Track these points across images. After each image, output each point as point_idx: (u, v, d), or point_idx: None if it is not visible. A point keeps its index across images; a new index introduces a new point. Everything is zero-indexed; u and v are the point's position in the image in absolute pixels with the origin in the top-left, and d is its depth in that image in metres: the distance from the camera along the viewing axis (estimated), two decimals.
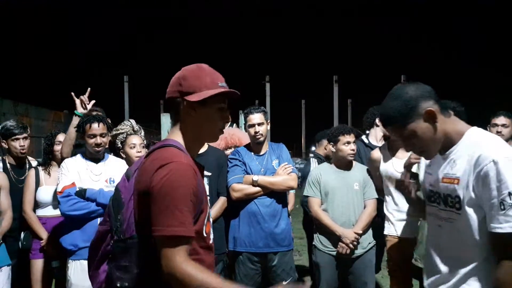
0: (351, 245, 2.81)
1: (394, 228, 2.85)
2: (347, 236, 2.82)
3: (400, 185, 1.76)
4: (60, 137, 3.10)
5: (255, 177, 2.81)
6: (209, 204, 1.45)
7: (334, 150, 2.97)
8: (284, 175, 2.85)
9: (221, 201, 2.85)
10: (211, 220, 1.40)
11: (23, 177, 3.09)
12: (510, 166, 1.28)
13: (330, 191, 2.93)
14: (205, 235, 1.32)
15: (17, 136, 3.05)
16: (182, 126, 1.37)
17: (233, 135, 3.41)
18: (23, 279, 2.99)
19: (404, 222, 2.78)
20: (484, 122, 3.47)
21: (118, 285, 1.23)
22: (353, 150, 2.91)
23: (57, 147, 3.07)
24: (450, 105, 2.64)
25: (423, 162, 1.68)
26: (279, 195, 2.89)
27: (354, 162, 3.03)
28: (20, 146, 3.06)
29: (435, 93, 1.44)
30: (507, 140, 3.33)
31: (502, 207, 1.27)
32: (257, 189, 2.81)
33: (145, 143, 3.01)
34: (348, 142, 2.90)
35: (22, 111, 10.54)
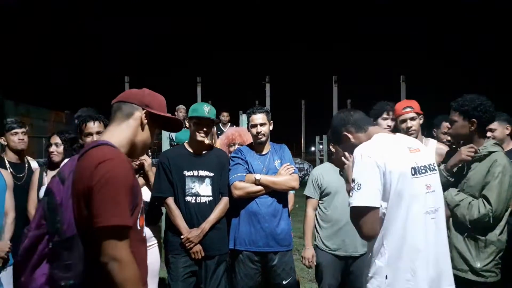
0: (306, 262, 3.03)
1: None
2: (306, 253, 3.03)
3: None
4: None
5: (257, 176, 2.82)
6: (142, 200, 1.50)
7: (334, 150, 2.99)
8: (286, 175, 2.86)
9: (224, 202, 2.86)
10: (143, 215, 1.50)
11: (21, 175, 3.12)
12: (357, 159, 1.75)
13: (332, 192, 2.95)
14: (138, 228, 1.41)
15: (16, 130, 3.11)
16: (127, 128, 1.50)
17: (235, 133, 3.45)
18: None
19: None
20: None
21: (63, 284, 1.26)
22: None
23: (51, 148, 3.10)
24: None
25: None
26: (280, 195, 2.91)
27: None
28: (19, 139, 3.10)
29: (357, 116, 1.96)
30: (501, 142, 3.29)
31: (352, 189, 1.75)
32: (259, 188, 2.83)
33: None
34: None
35: (23, 111, 10.55)
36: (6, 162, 3.12)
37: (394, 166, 1.72)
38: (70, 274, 1.26)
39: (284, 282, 2.87)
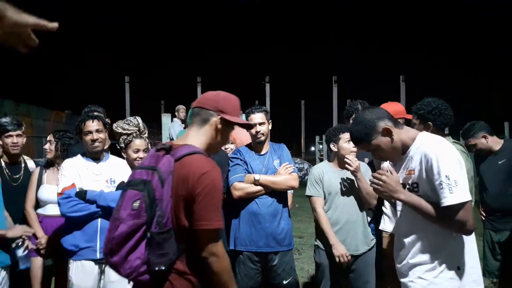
0: (344, 259, 2.80)
1: (390, 223, 2.81)
2: (338, 251, 2.81)
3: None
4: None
5: (256, 176, 2.82)
6: None
7: (335, 149, 2.98)
8: (285, 174, 2.86)
9: None
10: None
11: (17, 176, 3.09)
12: (444, 157, 1.73)
13: (333, 192, 2.93)
14: None
15: (10, 133, 3.02)
16: (205, 133, 1.70)
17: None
18: (25, 276, 3.00)
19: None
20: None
21: (157, 268, 1.49)
22: (354, 147, 2.91)
23: (45, 146, 3.15)
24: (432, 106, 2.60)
25: (386, 164, 2.14)
26: (280, 195, 2.91)
27: None
28: (12, 143, 3.03)
29: (388, 113, 1.88)
30: (489, 149, 3.33)
31: (441, 186, 1.70)
32: (259, 188, 2.82)
33: (148, 146, 3.01)
34: (350, 140, 2.90)
35: (24, 111, 10.55)
36: (2, 163, 3.08)
37: (464, 162, 1.84)
38: (163, 261, 1.49)
39: (285, 282, 2.88)
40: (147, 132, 3.12)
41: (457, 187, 1.67)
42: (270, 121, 3.02)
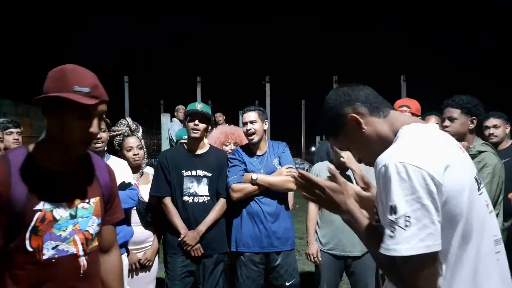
0: (311, 258, 2.94)
1: None
2: (310, 249, 2.94)
3: None
4: None
5: (254, 176, 2.80)
6: (35, 219, 1.27)
7: (333, 151, 2.97)
8: (284, 176, 2.83)
9: (221, 203, 2.85)
10: (51, 233, 1.29)
11: None
12: (394, 173, 1.00)
13: None
14: (30, 249, 1.26)
15: (11, 130, 3.09)
16: (46, 129, 1.29)
17: (235, 132, 3.43)
18: None
19: None
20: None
21: None
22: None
23: None
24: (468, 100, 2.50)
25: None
26: (281, 195, 2.89)
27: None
28: (14, 139, 3.09)
29: (368, 93, 1.23)
30: (502, 141, 3.32)
31: (385, 221, 1.03)
32: (256, 187, 2.80)
33: (142, 143, 3.00)
34: None
35: (23, 111, 10.54)
36: None
37: (457, 179, 1.03)
38: None
39: (287, 284, 2.86)
40: (140, 131, 3.11)
41: (407, 229, 0.97)
42: (266, 120, 2.98)
